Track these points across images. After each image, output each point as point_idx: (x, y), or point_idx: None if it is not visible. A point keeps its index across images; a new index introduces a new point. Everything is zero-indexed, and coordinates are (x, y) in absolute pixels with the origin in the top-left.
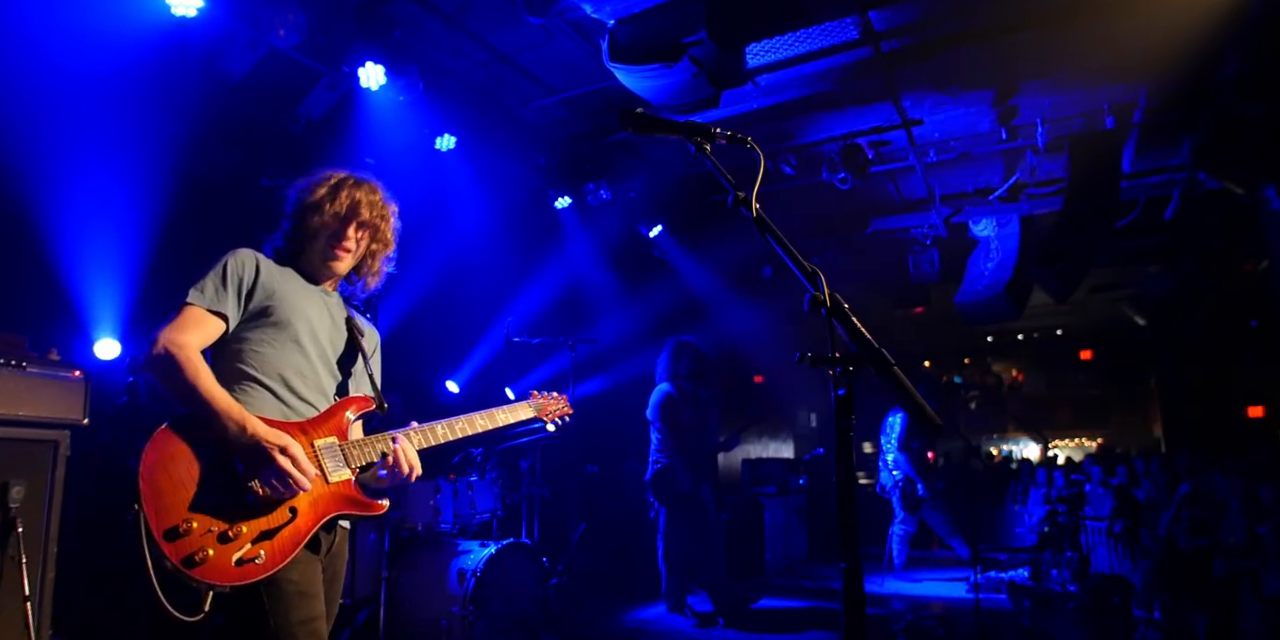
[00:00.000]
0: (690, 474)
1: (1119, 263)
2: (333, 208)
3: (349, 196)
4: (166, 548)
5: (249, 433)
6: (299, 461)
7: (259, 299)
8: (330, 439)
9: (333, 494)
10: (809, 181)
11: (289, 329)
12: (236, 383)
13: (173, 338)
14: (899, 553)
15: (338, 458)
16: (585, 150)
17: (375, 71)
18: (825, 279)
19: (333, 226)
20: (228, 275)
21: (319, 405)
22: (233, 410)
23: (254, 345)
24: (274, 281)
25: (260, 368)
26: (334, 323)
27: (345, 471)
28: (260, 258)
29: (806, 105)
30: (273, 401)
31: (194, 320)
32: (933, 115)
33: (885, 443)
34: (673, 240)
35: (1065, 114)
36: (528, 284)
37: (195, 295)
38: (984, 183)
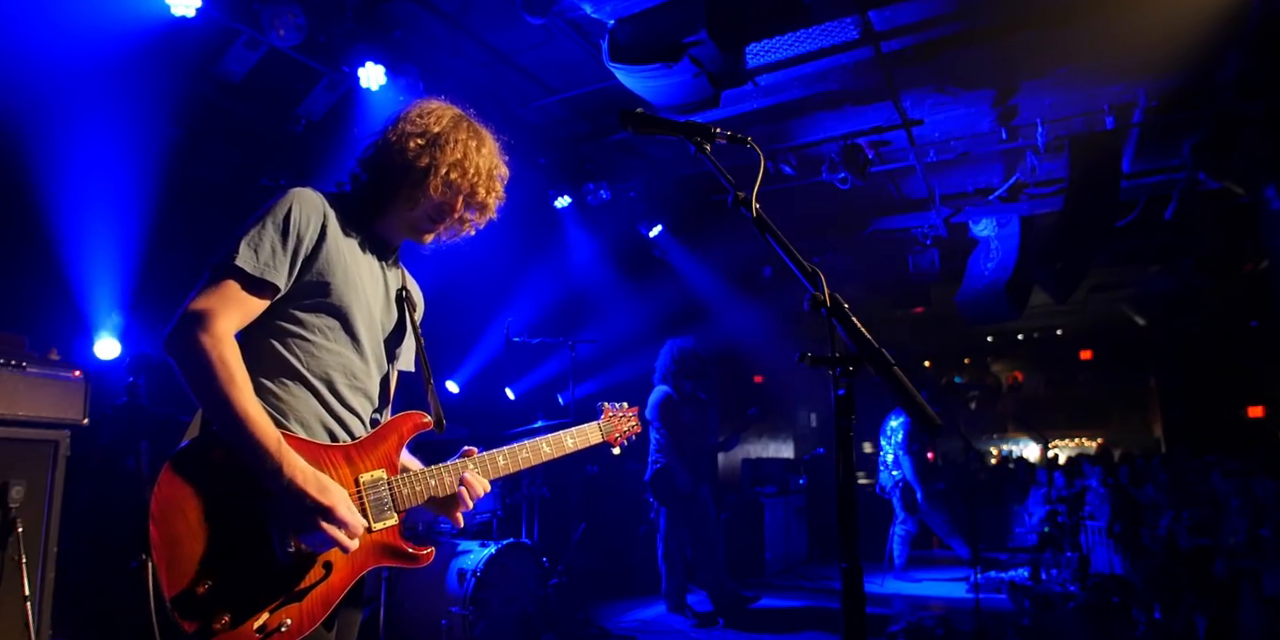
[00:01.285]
0: (689, 474)
1: (1119, 263)
2: (449, 176)
3: (473, 165)
4: (180, 616)
5: (287, 477)
6: (348, 525)
7: (317, 270)
8: (379, 473)
9: (374, 544)
10: (809, 181)
11: (347, 319)
12: (274, 377)
13: (208, 324)
14: (899, 553)
15: (384, 500)
16: (585, 150)
17: (375, 72)
18: (825, 279)
19: (439, 200)
20: (289, 230)
21: (363, 413)
22: (269, 441)
23: (303, 330)
24: (339, 249)
25: (307, 362)
26: (388, 303)
27: (391, 517)
28: (329, 211)
29: (807, 105)
30: (316, 408)
31: (236, 296)
32: (933, 115)
33: (885, 443)
34: (673, 240)
35: (1065, 114)
36: (528, 284)
37: (246, 255)
38: (984, 183)
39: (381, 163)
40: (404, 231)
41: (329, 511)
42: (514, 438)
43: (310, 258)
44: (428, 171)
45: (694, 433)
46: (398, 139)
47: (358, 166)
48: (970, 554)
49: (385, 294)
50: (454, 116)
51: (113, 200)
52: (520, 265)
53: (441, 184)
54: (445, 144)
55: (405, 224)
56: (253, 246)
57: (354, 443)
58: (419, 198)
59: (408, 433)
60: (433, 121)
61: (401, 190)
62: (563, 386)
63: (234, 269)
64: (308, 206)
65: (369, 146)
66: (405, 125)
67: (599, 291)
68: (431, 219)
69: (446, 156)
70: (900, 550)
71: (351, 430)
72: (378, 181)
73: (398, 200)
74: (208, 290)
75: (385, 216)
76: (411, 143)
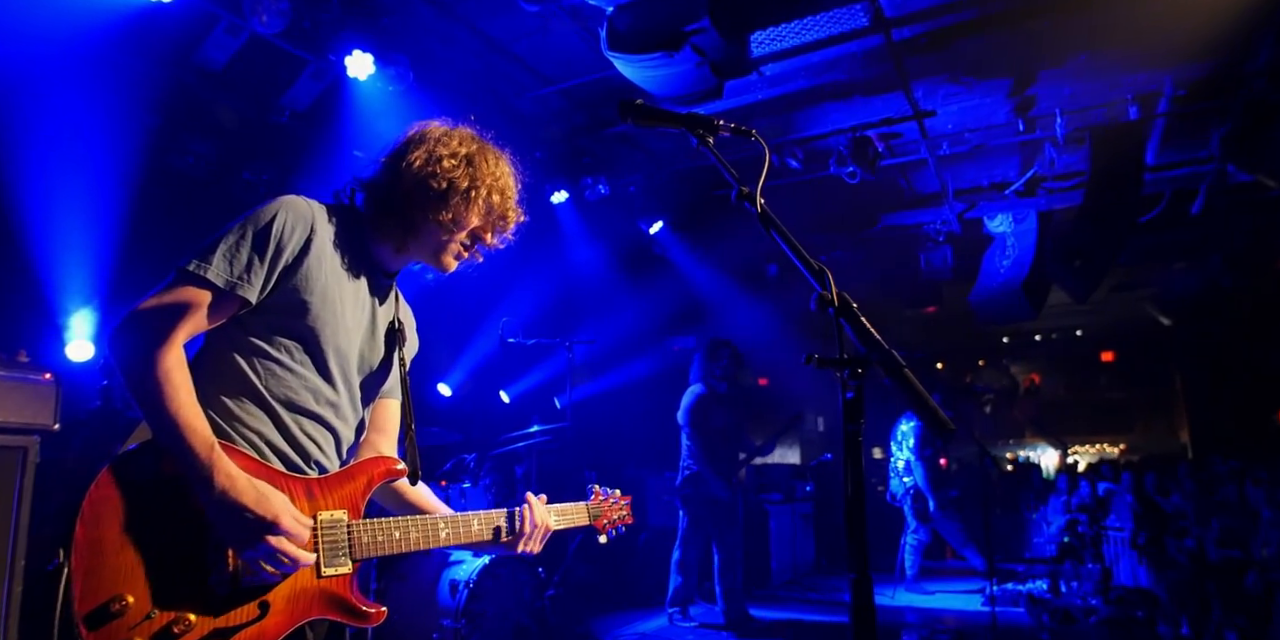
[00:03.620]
0: (721, 481)
1: (1142, 260)
2: (490, 199)
3: (508, 186)
4: (86, 632)
5: (219, 487)
6: (293, 538)
7: (293, 286)
8: (339, 514)
9: (320, 593)
10: (816, 176)
11: (315, 342)
12: (233, 394)
13: (157, 328)
14: (911, 563)
15: (340, 543)
16: (583, 143)
17: (363, 60)
18: (833, 277)
19: (478, 224)
20: (270, 241)
21: (327, 445)
22: (200, 447)
23: (268, 347)
24: (322, 268)
25: (268, 382)
26: (373, 335)
27: (345, 565)
28: (319, 224)
29: (814, 96)
30: (271, 432)
31: (197, 305)
32: (946, 106)
33: (896, 448)
34: (674, 237)
35: (1086, 104)
36: (523, 282)
37: (219, 265)
38: (1000, 177)
39: (405, 186)
40: (422, 257)
41: (272, 525)
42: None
43: (288, 272)
44: (469, 195)
45: (727, 437)
46: (426, 161)
47: (365, 189)
48: (986, 565)
49: (371, 325)
50: (475, 138)
51: (86, 195)
52: (515, 263)
53: (483, 207)
54: (481, 165)
55: (429, 251)
56: (228, 255)
57: (318, 477)
58: (458, 222)
59: (378, 478)
60: (459, 143)
61: (435, 215)
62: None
63: (202, 278)
64: (294, 217)
65: (383, 170)
66: (433, 147)
67: (597, 290)
68: (465, 245)
69: (485, 178)
70: (912, 560)
71: (311, 461)
72: (401, 207)
73: (428, 226)
74: (169, 293)
75: (405, 243)
76: (446, 164)
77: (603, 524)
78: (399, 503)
